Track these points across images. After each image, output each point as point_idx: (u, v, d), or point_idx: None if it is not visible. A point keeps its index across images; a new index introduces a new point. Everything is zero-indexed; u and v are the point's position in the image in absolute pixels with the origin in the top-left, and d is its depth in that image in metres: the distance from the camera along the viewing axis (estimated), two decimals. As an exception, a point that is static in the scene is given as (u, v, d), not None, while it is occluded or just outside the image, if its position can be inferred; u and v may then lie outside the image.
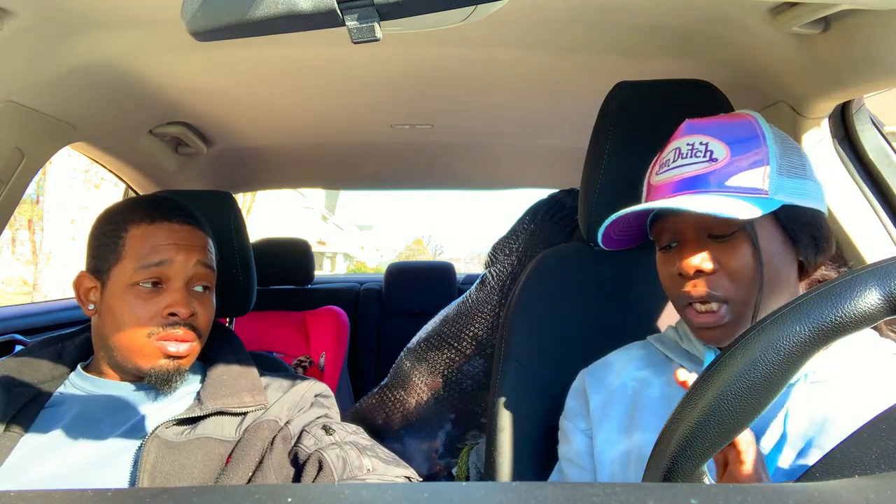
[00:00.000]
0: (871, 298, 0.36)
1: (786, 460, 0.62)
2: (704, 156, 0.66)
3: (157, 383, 0.80)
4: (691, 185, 0.66)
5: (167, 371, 0.80)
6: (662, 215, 0.70)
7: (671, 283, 0.70)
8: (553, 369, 0.93)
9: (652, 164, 0.75)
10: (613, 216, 0.70)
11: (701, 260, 0.66)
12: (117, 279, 0.81)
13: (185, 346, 0.81)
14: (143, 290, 0.80)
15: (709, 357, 0.71)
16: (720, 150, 0.66)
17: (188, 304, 0.81)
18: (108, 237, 0.83)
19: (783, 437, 0.62)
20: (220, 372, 0.86)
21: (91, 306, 0.84)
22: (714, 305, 0.66)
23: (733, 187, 0.64)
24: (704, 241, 0.67)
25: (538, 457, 0.90)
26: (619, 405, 0.76)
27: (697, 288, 0.66)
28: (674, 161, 0.69)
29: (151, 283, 0.81)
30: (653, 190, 0.71)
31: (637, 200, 0.75)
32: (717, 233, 0.66)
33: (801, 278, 0.70)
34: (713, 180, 0.65)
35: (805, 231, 0.66)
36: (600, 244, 0.76)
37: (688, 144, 0.68)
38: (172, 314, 0.80)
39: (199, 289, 0.85)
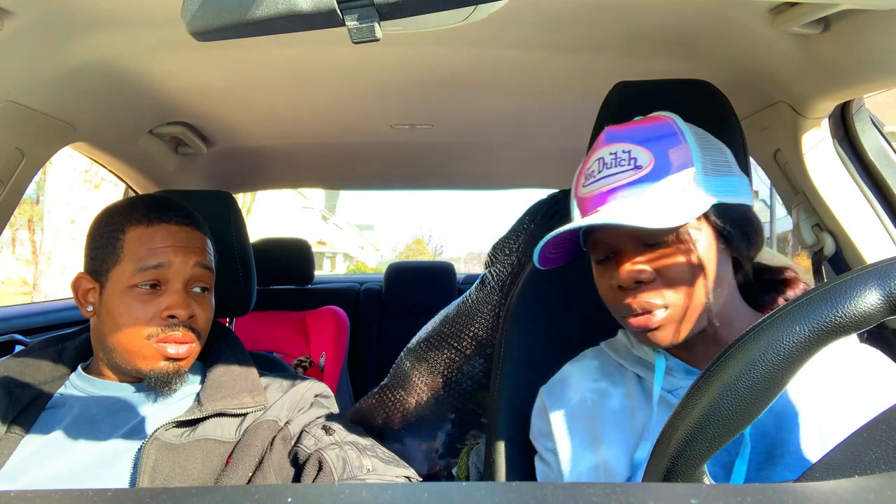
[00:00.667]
0: (871, 298, 0.36)
1: (752, 462, 0.62)
2: (629, 164, 0.66)
3: (156, 385, 0.80)
4: (620, 194, 0.66)
5: (167, 373, 0.80)
6: (595, 228, 0.69)
7: (611, 295, 0.69)
8: (553, 369, 0.93)
9: (577, 174, 0.73)
10: (547, 237, 0.69)
11: (639, 270, 0.65)
12: (116, 281, 0.81)
13: (185, 347, 0.81)
14: (141, 292, 0.80)
15: (659, 362, 0.70)
16: (643, 156, 0.65)
17: (187, 305, 0.81)
18: (105, 239, 0.83)
19: (746, 440, 0.62)
20: (220, 373, 0.86)
21: (90, 308, 0.83)
22: (653, 312, 0.66)
23: (661, 193, 0.64)
24: (641, 249, 0.66)
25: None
26: (580, 420, 0.75)
27: (638, 299, 0.66)
28: (598, 172, 0.68)
29: (150, 284, 0.80)
30: (581, 202, 0.70)
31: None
32: (651, 241, 0.65)
33: (736, 272, 0.70)
34: (640, 188, 0.65)
35: (737, 227, 0.66)
36: (537, 265, 0.74)
37: (610, 154, 0.67)
38: (171, 316, 0.80)
39: (197, 290, 0.84)
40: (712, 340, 0.68)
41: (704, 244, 0.65)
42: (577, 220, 0.67)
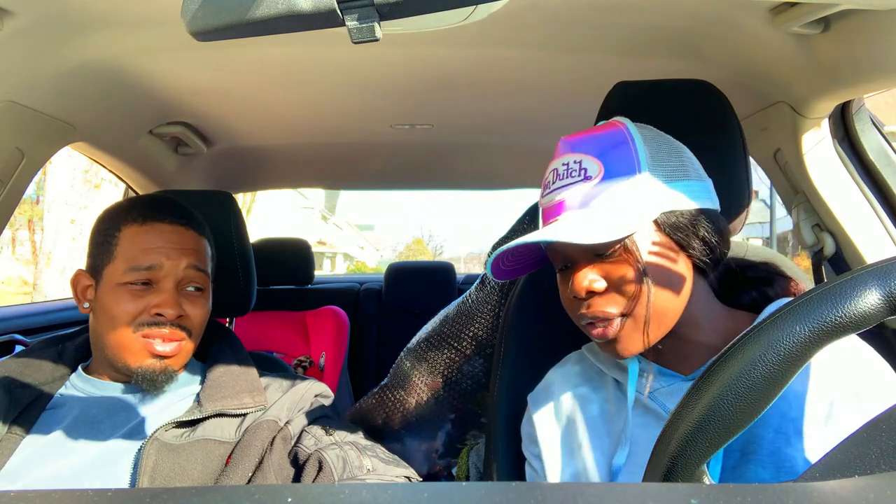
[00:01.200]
0: (871, 298, 0.36)
1: (729, 460, 0.62)
2: (579, 174, 0.66)
3: (142, 383, 0.80)
4: (569, 206, 0.66)
5: (153, 371, 0.80)
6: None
7: (570, 304, 0.70)
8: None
9: (542, 183, 0.73)
10: (493, 255, 0.70)
11: (590, 281, 0.65)
12: (109, 278, 0.82)
13: (172, 345, 0.81)
14: (133, 288, 0.81)
15: (632, 366, 0.70)
16: (593, 166, 0.65)
17: (176, 304, 0.81)
18: (102, 237, 0.84)
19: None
20: (220, 373, 0.86)
21: (86, 304, 0.84)
22: (610, 320, 0.66)
23: (607, 204, 0.64)
24: (593, 259, 0.66)
25: (538, 457, 0.90)
26: (561, 428, 0.76)
27: (592, 308, 0.66)
28: (553, 183, 0.68)
29: (141, 282, 0.81)
30: (542, 213, 0.71)
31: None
32: (601, 251, 0.65)
33: (705, 274, 0.69)
34: (586, 200, 0.65)
35: (689, 233, 0.65)
36: (491, 276, 0.75)
37: (563, 164, 0.68)
38: (159, 314, 0.80)
39: (191, 289, 0.84)
40: (681, 341, 0.67)
41: (656, 251, 0.64)
42: (519, 238, 0.67)
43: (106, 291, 0.81)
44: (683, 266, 0.66)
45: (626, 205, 0.64)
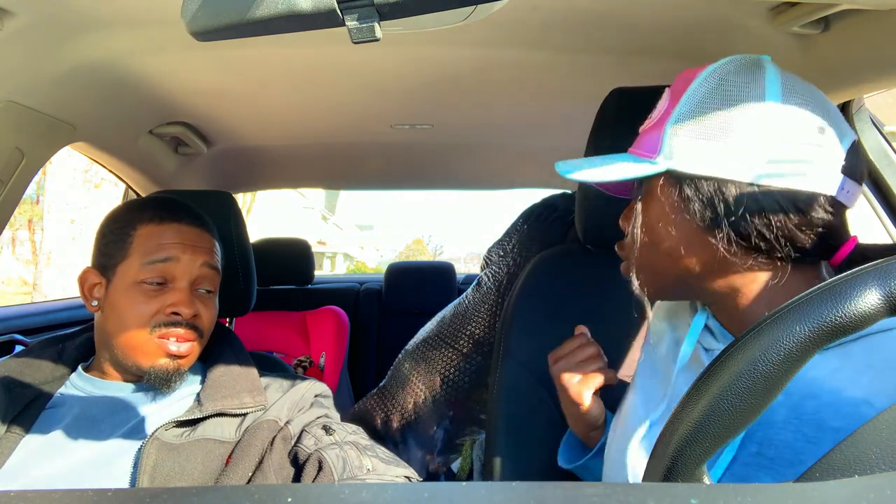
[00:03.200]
0: (871, 298, 0.36)
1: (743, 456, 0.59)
2: (651, 110, 0.65)
3: (156, 382, 0.80)
4: (634, 144, 0.66)
5: (167, 371, 0.80)
6: None
7: None
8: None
9: None
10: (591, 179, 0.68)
11: (621, 219, 0.68)
12: (123, 276, 0.82)
13: (186, 345, 0.81)
14: (148, 288, 0.81)
15: (696, 322, 0.68)
16: (662, 103, 0.63)
17: (192, 304, 0.82)
18: (116, 234, 0.84)
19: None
20: (220, 373, 0.86)
21: (94, 302, 0.84)
22: (627, 266, 0.68)
23: (640, 147, 0.63)
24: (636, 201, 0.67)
25: (537, 454, 0.91)
26: (642, 358, 0.77)
27: (619, 243, 0.70)
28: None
29: (156, 281, 0.81)
30: None
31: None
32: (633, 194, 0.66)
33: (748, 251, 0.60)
34: (640, 136, 0.65)
35: (697, 201, 0.58)
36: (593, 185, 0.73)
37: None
38: (175, 313, 0.81)
39: (202, 291, 0.86)
40: (731, 309, 0.64)
41: (659, 208, 0.62)
42: (576, 173, 0.67)
43: (119, 290, 0.81)
44: (687, 232, 0.60)
45: (646, 152, 0.62)
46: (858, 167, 0.58)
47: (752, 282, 0.61)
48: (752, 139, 0.56)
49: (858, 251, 0.60)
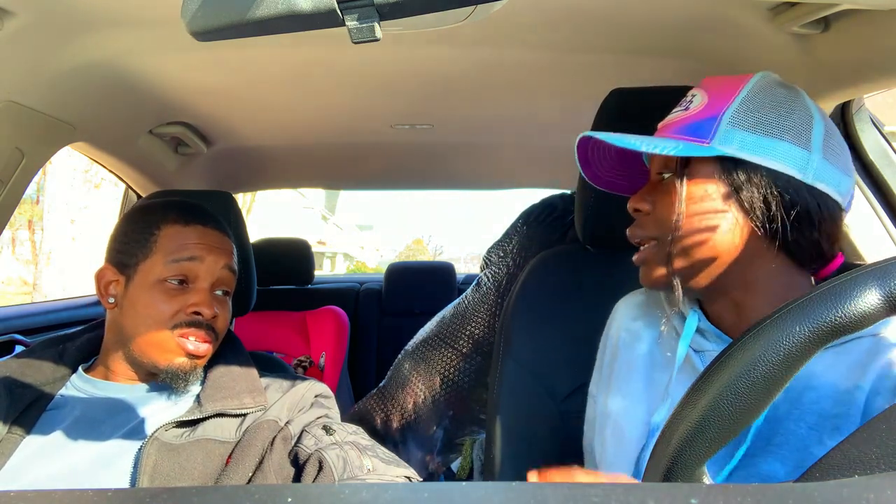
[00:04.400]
0: (871, 298, 0.36)
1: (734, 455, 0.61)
2: (684, 106, 0.68)
3: (172, 381, 0.81)
4: (665, 129, 0.68)
5: (184, 370, 0.81)
6: (649, 159, 0.72)
7: None
8: (551, 367, 0.93)
9: None
10: (580, 136, 0.72)
11: (638, 200, 0.68)
12: (145, 274, 0.82)
13: (205, 346, 0.82)
14: (169, 287, 0.82)
15: (691, 318, 0.69)
16: (699, 100, 0.67)
17: (212, 305, 0.83)
18: (138, 233, 0.85)
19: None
20: (220, 373, 0.86)
21: (111, 300, 0.84)
22: (645, 244, 0.68)
23: (685, 134, 0.65)
24: (657, 184, 0.68)
25: (537, 453, 0.91)
26: (610, 360, 0.77)
27: (632, 228, 0.69)
28: (672, 111, 0.71)
29: (178, 280, 0.82)
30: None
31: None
32: (661, 173, 0.68)
33: (781, 247, 0.63)
34: (675, 127, 0.67)
35: (749, 188, 0.62)
36: (586, 178, 0.77)
37: (686, 94, 0.70)
38: (197, 313, 0.81)
39: (220, 293, 0.87)
40: (737, 307, 0.66)
41: (705, 191, 0.63)
42: (582, 133, 0.70)
43: (140, 288, 0.82)
44: (731, 219, 0.63)
45: (695, 137, 0.63)
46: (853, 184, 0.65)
47: (769, 278, 0.64)
48: (806, 142, 0.62)
49: (844, 267, 0.65)
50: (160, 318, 0.80)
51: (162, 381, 0.82)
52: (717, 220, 0.63)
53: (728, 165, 0.62)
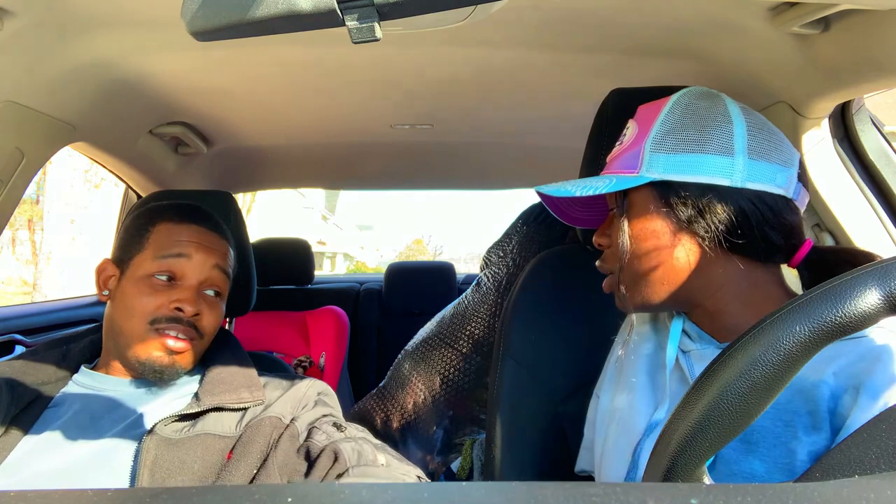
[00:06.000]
0: (871, 298, 0.36)
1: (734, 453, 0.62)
2: (620, 139, 0.71)
3: (149, 375, 0.82)
4: (607, 166, 0.72)
5: (161, 364, 0.81)
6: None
7: None
8: (550, 367, 0.93)
9: None
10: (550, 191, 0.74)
11: (596, 236, 0.73)
12: (136, 268, 0.84)
13: (182, 343, 0.83)
14: (156, 283, 0.83)
15: (674, 326, 0.71)
16: (630, 131, 0.70)
17: (195, 303, 0.83)
18: (135, 230, 0.88)
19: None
20: (218, 370, 0.87)
21: (106, 292, 0.87)
22: (612, 281, 0.71)
23: (620, 167, 0.68)
24: (611, 217, 0.72)
25: (537, 453, 0.91)
26: (622, 357, 0.79)
27: (599, 261, 0.73)
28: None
29: (167, 276, 0.83)
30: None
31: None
32: (611, 208, 0.71)
33: (731, 251, 0.65)
34: (614, 162, 0.70)
35: (684, 207, 0.64)
36: (560, 219, 0.81)
37: (626, 128, 0.73)
38: (178, 309, 0.82)
39: (210, 292, 0.87)
40: (711, 314, 0.68)
41: (645, 218, 0.66)
42: (553, 187, 0.72)
43: (129, 281, 0.84)
44: (674, 238, 0.65)
45: (626, 169, 0.67)
46: (805, 177, 0.68)
47: (733, 281, 0.66)
48: (728, 149, 0.64)
49: (815, 253, 0.67)
50: (143, 312, 0.82)
51: (141, 375, 0.83)
52: (663, 243, 0.66)
53: (660, 190, 0.65)
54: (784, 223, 0.65)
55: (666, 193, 0.65)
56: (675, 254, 0.66)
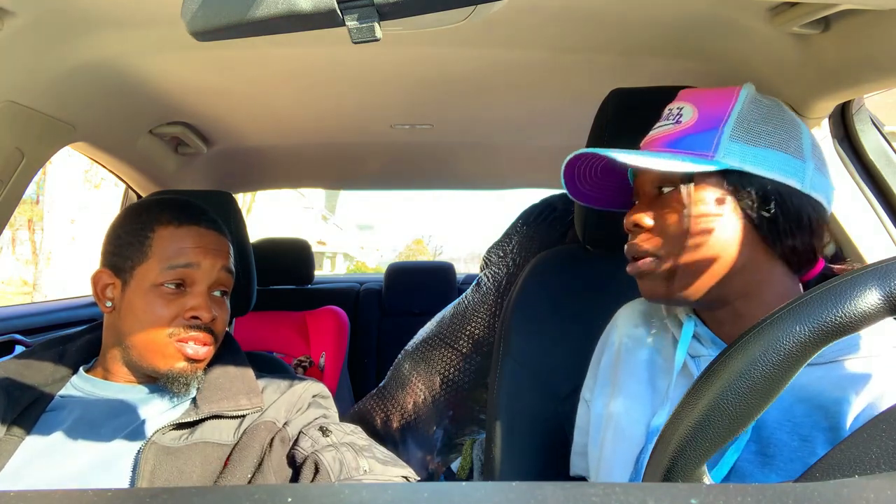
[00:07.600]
0: (871, 298, 0.36)
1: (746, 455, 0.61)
2: (673, 119, 0.68)
3: (172, 385, 0.80)
4: (655, 143, 0.69)
5: (185, 374, 0.80)
6: (637, 173, 0.72)
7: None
8: (550, 367, 0.93)
9: None
10: (569, 156, 0.72)
11: (639, 216, 0.67)
12: (142, 278, 0.81)
13: (204, 349, 0.82)
14: (166, 291, 0.81)
15: (687, 326, 0.70)
16: (689, 113, 0.67)
17: (210, 308, 0.82)
18: (132, 236, 0.83)
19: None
20: (217, 375, 0.86)
21: (108, 304, 0.83)
22: (644, 258, 0.68)
23: (682, 148, 0.65)
24: (653, 199, 0.68)
25: (536, 453, 0.91)
26: (610, 365, 0.77)
27: (631, 244, 0.68)
28: (656, 125, 0.71)
29: (175, 284, 0.81)
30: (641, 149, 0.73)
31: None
32: (661, 186, 0.67)
33: (781, 255, 0.65)
34: (667, 141, 0.67)
35: (754, 200, 0.63)
36: (567, 194, 0.78)
37: (669, 108, 0.70)
38: (195, 317, 0.81)
39: (217, 294, 0.86)
40: (738, 315, 0.66)
41: (709, 206, 0.63)
42: (577, 150, 0.70)
43: (137, 292, 0.81)
44: (736, 230, 0.63)
45: (696, 152, 0.64)
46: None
47: (767, 286, 0.65)
48: (801, 152, 0.65)
49: (824, 273, 0.68)
50: (158, 323, 0.79)
51: (162, 384, 0.81)
52: (721, 232, 0.63)
53: (732, 178, 0.63)
54: (824, 233, 0.66)
55: (737, 183, 0.63)
56: (730, 244, 0.63)
